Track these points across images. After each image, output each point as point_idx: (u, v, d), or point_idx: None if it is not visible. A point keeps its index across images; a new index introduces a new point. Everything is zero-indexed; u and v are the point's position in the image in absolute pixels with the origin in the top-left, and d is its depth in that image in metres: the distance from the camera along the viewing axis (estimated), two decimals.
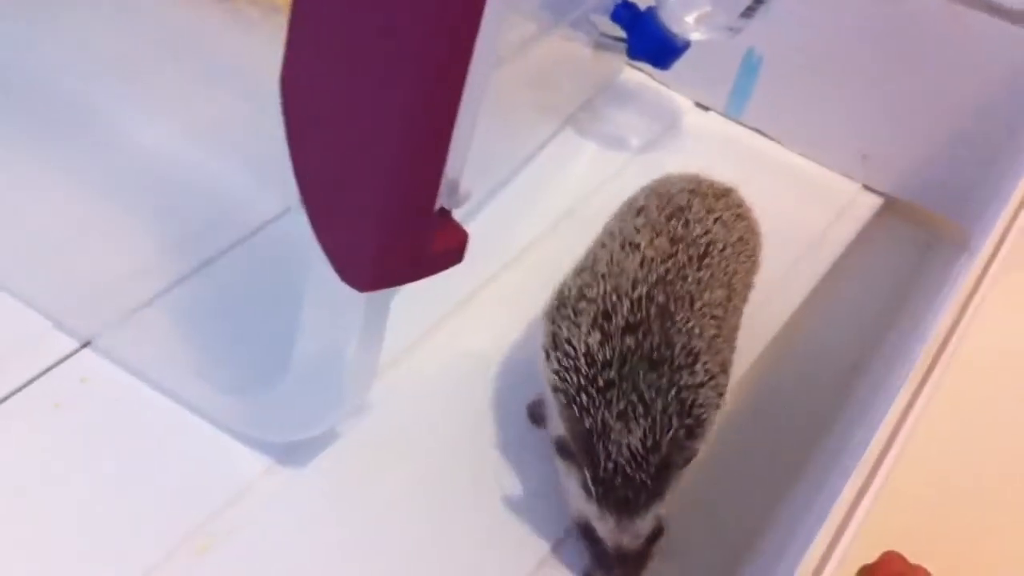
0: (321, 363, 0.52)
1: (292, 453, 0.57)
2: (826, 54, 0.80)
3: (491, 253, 0.70)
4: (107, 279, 0.63)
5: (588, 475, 0.49)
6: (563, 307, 0.55)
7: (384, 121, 0.40)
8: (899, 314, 0.73)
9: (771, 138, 0.86)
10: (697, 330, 0.52)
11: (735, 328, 0.58)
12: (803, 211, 0.81)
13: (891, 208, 0.83)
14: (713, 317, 0.54)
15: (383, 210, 0.42)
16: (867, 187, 0.84)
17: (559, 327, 0.54)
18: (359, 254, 0.44)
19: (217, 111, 0.73)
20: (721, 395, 0.53)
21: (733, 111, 0.87)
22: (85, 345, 0.59)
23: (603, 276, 0.54)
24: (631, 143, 0.84)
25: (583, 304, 0.53)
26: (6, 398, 0.57)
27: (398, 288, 0.47)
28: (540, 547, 0.56)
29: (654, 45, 0.74)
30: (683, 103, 0.88)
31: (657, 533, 0.51)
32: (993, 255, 0.35)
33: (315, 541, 0.54)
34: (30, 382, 0.57)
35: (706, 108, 0.88)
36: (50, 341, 0.59)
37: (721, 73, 0.85)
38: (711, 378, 0.52)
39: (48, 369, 0.58)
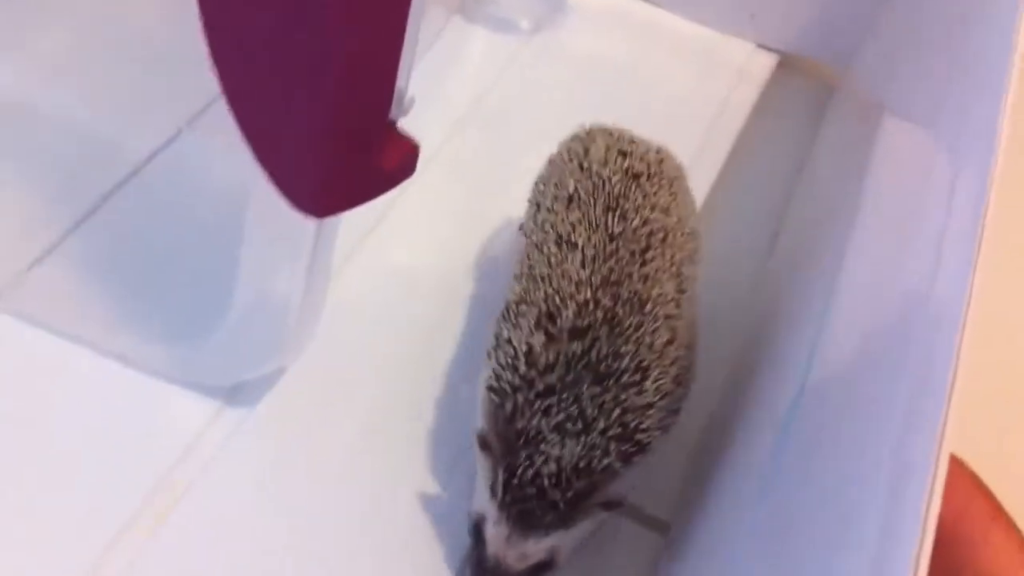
0: (267, 299, 0.49)
1: (237, 395, 0.54)
2: None
3: None
4: None
5: (502, 476, 0.45)
6: (507, 312, 0.51)
7: (335, 29, 0.36)
8: (812, 173, 0.73)
9: (659, 5, 0.84)
10: (647, 339, 0.47)
11: (693, 322, 0.53)
12: (703, 81, 0.80)
13: (787, 65, 0.83)
14: (666, 316, 0.49)
15: (337, 129, 0.38)
16: (761, 46, 0.83)
17: (500, 329, 0.50)
18: (312, 179, 0.40)
19: (74, 42, 0.66)
20: (676, 412, 0.49)
21: None
22: None
23: (543, 279, 0.50)
24: (521, 25, 0.81)
25: (524, 307, 0.50)
26: None
27: None
28: None
29: None
30: None
31: (544, 566, 0.47)
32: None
33: (279, 484, 0.52)
34: None
35: None
36: None
37: None
38: (662, 397, 0.47)
39: None
